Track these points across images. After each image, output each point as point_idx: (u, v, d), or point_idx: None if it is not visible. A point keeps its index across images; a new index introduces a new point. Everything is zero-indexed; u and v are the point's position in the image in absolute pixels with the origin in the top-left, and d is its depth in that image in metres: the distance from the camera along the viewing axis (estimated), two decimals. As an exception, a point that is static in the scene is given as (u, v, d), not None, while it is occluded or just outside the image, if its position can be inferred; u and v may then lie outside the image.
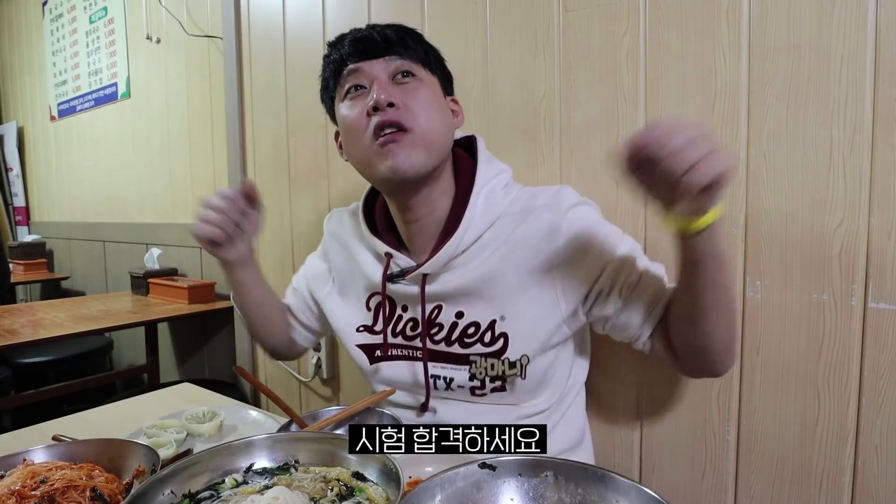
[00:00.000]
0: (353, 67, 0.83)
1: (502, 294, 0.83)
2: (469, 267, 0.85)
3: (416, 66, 0.83)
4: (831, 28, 0.88)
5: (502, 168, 0.91)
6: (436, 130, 0.82)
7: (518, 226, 0.83)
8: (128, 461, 0.66)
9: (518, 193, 0.88)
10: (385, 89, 0.79)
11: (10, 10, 3.65)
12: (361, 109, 0.81)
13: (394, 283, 0.90)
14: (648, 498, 0.50)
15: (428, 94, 0.83)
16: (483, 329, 0.85)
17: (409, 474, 0.63)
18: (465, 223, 0.83)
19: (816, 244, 0.92)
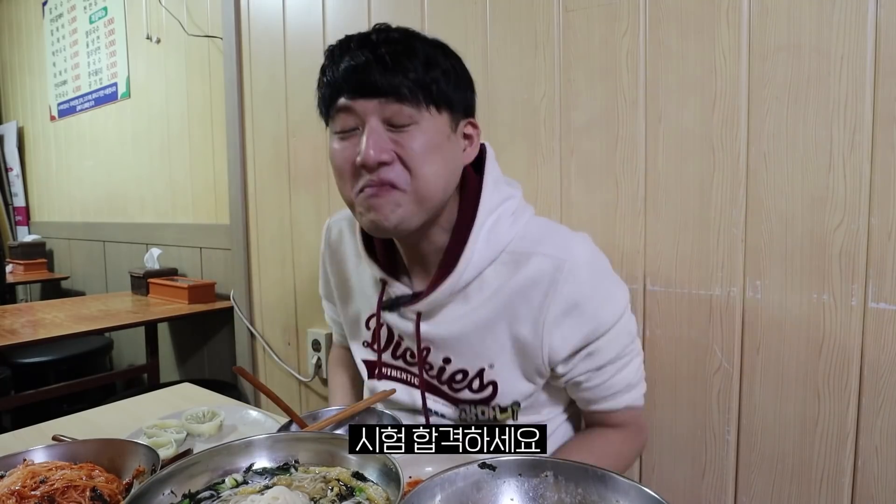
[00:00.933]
0: (345, 105, 0.71)
1: (492, 344, 0.78)
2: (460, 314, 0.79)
3: (418, 107, 0.69)
4: (831, 28, 0.88)
5: (509, 194, 0.81)
6: (432, 185, 0.72)
7: (521, 271, 0.76)
8: (128, 461, 0.66)
9: (525, 227, 0.79)
10: (376, 142, 0.68)
11: (10, 10, 3.65)
12: (350, 154, 0.71)
13: (389, 312, 0.85)
14: (648, 498, 0.50)
15: (428, 141, 0.70)
16: (471, 377, 0.81)
17: (409, 474, 0.63)
18: (463, 261, 0.76)
19: (816, 244, 0.92)
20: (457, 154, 0.76)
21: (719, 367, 1.03)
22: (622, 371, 0.80)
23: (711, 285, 1.02)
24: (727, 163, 0.98)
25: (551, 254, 0.75)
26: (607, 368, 0.79)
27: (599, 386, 0.80)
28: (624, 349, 0.80)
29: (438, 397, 0.85)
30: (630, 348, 0.81)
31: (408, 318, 0.83)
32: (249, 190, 1.94)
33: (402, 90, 0.68)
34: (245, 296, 1.98)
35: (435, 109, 0.71)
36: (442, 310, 0.80)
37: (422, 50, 0.71)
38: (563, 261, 0.74)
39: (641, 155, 1.07)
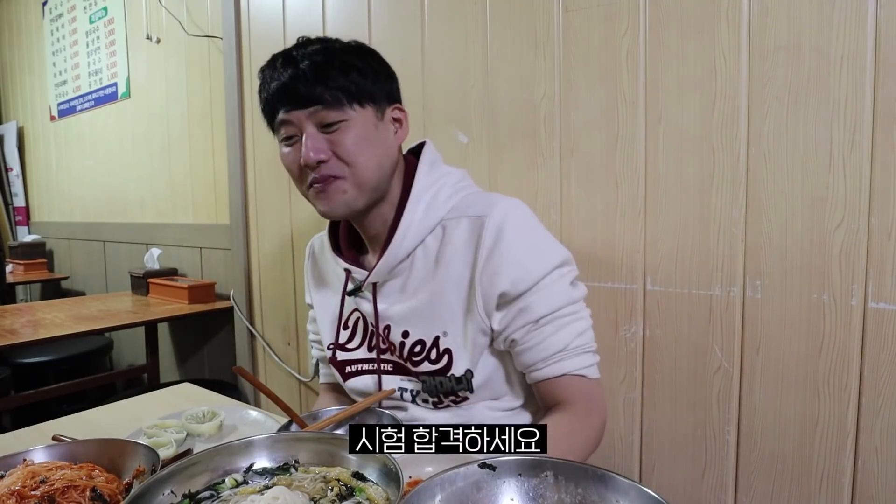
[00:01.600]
0: (284, 119, 0.82)
1: (443, 310, 0.84)
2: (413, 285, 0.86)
3: (342, 109, 0.80)
4: (831, 28, 0.88)
5: (447, 171, 0.90)
6: (367, 170, 0.82)
7: (455, 236, 0.84)
8: (128, 461, 0.66)
9: (462, 199, 0.87)
10: (313, 145, 0.79)
11: (10, 10, 3.65)
12: (296, 157, 0.82)
13: (354, 297, 0.93)
14: (648, 498, 0.50)
15: (358, 134, 0.81)
16: (428, 346, 0.85)
17: (409, 474, 0.63)
18: (401, 229, 0.84)
19: (816, 244, 0.92)
20: (387, 137, 0.86)
21: (719, 367, 1.03)
22: (559, 332, 0.81)
23: (711, 285, 1.02)
24: (727, 163, 0.98)
25: (476, 213, 0.83)
26: (543, 327, 0.81)
27: (536, 346, 0.82)
28: (559, 308, 0.82)
29: (405, 375, 0.89)
30: (567, 310, 0.82)
31: (367, 298, 0.90)
32: (249, 190, 1.94)
33: (324, 97, 0.79)
34: (245, 296, 1.98)
35: (358, 106, 0.81)
36: (392, 283, 0.88)
37: (338, 57, 0.81)
38: (485, 216, 0.82)
39: (641, 155, 1.07)
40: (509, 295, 0.81)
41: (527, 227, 0.84)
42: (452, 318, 0.84)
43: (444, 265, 0.84)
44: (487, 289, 0.81)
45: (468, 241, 0.82)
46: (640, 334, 1.10)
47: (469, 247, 0.82)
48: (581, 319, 0.84)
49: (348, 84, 0.80)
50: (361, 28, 1.51)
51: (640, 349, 1.11)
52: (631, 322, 1.11)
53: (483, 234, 0.81)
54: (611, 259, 1.12)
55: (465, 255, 0.82)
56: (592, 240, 1.14)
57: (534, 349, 0.82)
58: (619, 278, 1.11)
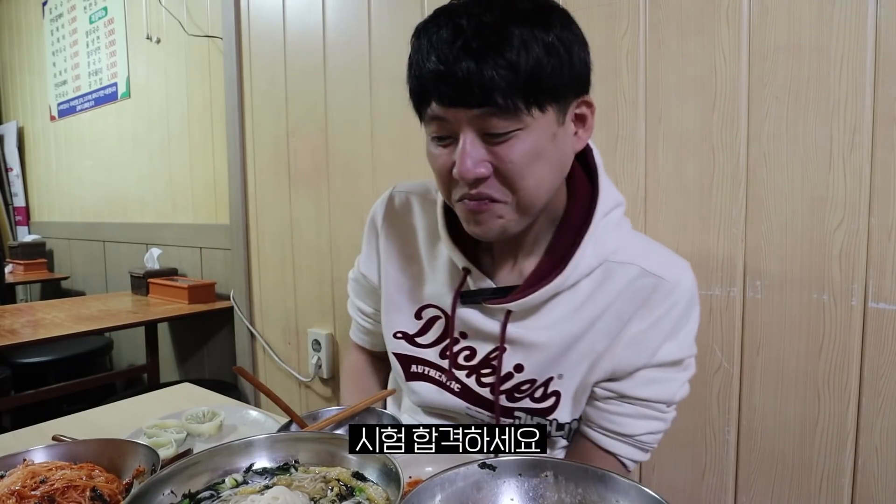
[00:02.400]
0: (437, 114, 0.63)
1: (571, 355, 0.73)
2: (551, 321, 0.73)
3: (518, 116, 0.60)
4: (831, 28, 0.88)
5: (619, 200, 0.75)
6: (535, 195, 0.66)
7: (617, 284, 0.71)
8: (128, 461, 0.66)
9: (627, 238, 0.74)
10: (472, 157, 0.62)
11: (10, 10, 3.65)
12: (446, 162, 0.65)
13: (468, 307, 0.76)
14: (648, 498, 0.50)
15: (531, 148, 0.62)
16: (537, 385, 0.75)
17: (409, 474, 0.63)
18: (573, 264, 0.70)
19: (816, 244, 0.92)
20: (565, 146, 0.67)
21: (719, 367, 1.03)
22: (638, 420, 0.74)
23: (711, 285, 1.02)
24: (727, 163, 0.98)
25: (653, 271, 0.71)
26: (627, 406, 0.73)
27: (607, 413, 0.75)
28: (653, 401, 0.73)
29: (483, 409, 0.77)
30: (658, 407, 0.74)
31: (492, 315, 0.75)
32: (249, 190, 1.94)
33: (496, 100, 0.59)
34: (245, 296, 1.98)
35: (538, 111, 0.61)
36: (531, 313, 0.73)
37: (518, 36, 0.59)
38: (662, 280, 0.70)
39: (641, 155, 1.07)
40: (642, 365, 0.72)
41: (696, 305, 0.73)
42: (576, 365, 0.73)
43: (595, 310, 0.72)
44: (630, 354, 0.71)
45: (633, 295, 0.70)
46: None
47: (631, 302, 0.70)
48: (662, 422, 0.75)
49: (530, 81, 0.59)
50: (361, 28, 1.51)
51: (640, 349, 1.10)
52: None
53: (653, 297, 0.70)
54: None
55: (622, 308, 0.71)
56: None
57: (603, 413, 0.75)
58: (619, 278, 1.11)
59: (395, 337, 0.83)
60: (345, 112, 1.61)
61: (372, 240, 0.88)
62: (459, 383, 0.78)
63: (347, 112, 1.60)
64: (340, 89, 1.61)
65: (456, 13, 0.61)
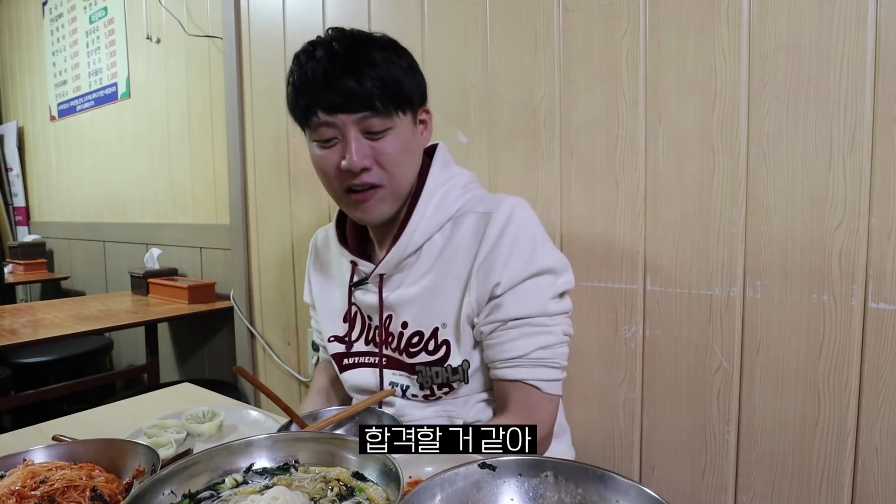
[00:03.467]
0: (326, 121, 0.78)
1: (444, 301, 0.85)
2: (415, 277, 0.86)
3: (390, 116, 0.79)
4: (831, 28, 0.88)
5: (458, 172, 0.91)
6: (406, 179, 0.84)
7: (461, 231, 0.84)
8: (128, 461, 0.66)
9: (473, 197, 0.88)
10: (359, 151, 0.78)
11: (10, 10, 3.65)
12: (334, 160, 0.80)
13: (358, 289, 0.92)
14: (648, 498, 0.50)
15: (401, 143, 0.81)
16: (426, 337, 0.86)
17: (409, 474, 0.63)
18: (412, 224, 0.84)
19: (816, 244, 0.92)
20: (419, 143, 0.86)
21: (719, 367, 1.03)
22: (523, 339, 0.81)
23: (711, 285, 1.02)
24: (727, 163, 0.99)
25: (483, 210, 0.84)
26: (509, 330, 0.81)
27: (499, 346, 0.82)
28: (529, 316, 0.81)
29: (397, 370, 0.89)
30: (538, 320, 0.81)
31: (371, 290, 0.90)
32: (249, 190, 1.94)
33: (375, 104, 0.77)
34: (245, 296, 1.98)
35: (402, 113, 0.80)
36: (399, 275, 0.88)
37: (380, 57, 0.78)
38: (490, 213, 0.83)
39: (641, 155, 1.07)
40: (497, 289, 0.81)
41: (528, 226, 0.83)
42: (451, 310, 0.84)
43: (448, 258, 0.85)
44: (483, 282, 0.82)
45: (474, 235, 0.83)
46: (640, 334, 1.10)
47: (474, 241, 0.83)
48: (549, 334, 0.82)
49: (396, 90, 0.78)
50: (361, 28, 1.51)
51: (640, 349, 1.11)
52: (631, 322, 1.11)
53: (487, 230, 0.82)
54: (611, 259, 1.12)
55: (469, 249, 0.83)
56: (592, 240, 1.14)
57: (496, 347, 0.83)
58: (619, 278, 1.11)
59: (330, 341, 0.98)
60: (345, 112, 1.61)
61: (307, 273, 1.07)
62: (383, 356, 0.91)
63: (347, 112, 1.60)
64: (340, 89, 1.61)
65: (328, 42, 0.79)
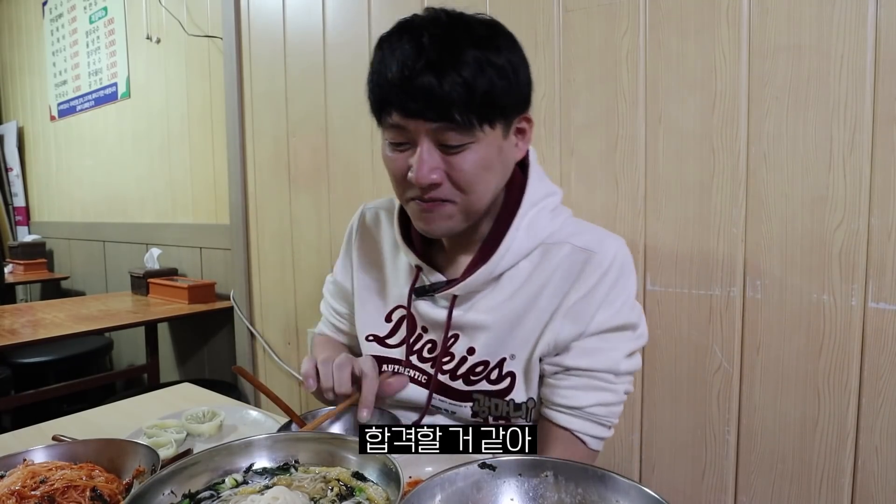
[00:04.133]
0: (397, 123, 0.68)
1: (520, 334, 0.77)
2: (492, 303, 0.78)
3: (471, 131, 0.67)
4: (831, 28, 0.88)
5: (552, 190, 0.81)
6: (484, 198, 0.73)
7: (552, 262, 0.77)
8: (128, 461, 0.66)
9: (564, 222, 0.79)
10: (428, 165, 0.68)
11: (10, 10, 3.65)
12: (402, 166, 0.71)
13: (420, 299, 0.83)
14: (648, 498, 0.50)
15: (480, 160, 0.69)
16: (492, 366, 0.79)
17: (409, 474, 0.63)
18: (503, 247, 0.76)
19: (816, 244, 0.92)
20: (508, 157, 0.75)
21: (719, 367, 1.03)
22: (585, 391, 0.76)
23: (711, 285, 1.02)
24: (727, 163, 0.98)
25: (583, 245, 0.76)
26: (574, 379, 0.76)
27: (558, 388, 0.77)
28: (598, 370, 0.75)
29: (446, 396, 0.82)
30: (605, 377, 0.76)
31: (440, 304, 0.82)
32: (249, 190, 1.94)
33: (454, 115, 0.65)
34: (245, 296, 1.98)
35: (489, 127, 0.68)
36: (475, 296, 0.80)
37: (472, 57, 0.65)
38: (593, 253, 0.75)
39: (641, 155, 1.07)
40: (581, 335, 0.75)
41: (629, 274, 0.77)
42: (526, 345, 0.77)
43: (533, 289, 0.77)
44: (570, 324, 0.75)
45: (567, 271, 0.75)
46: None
47: (567, 277, 0.75)
48: (612, 392, 0.76)
49: (484, 100, 0.66)
50: (361, 28, 1.51)
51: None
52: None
53: (586, 269, 0.74)
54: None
55: (560, 285, 0.75)
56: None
57: (554, 390, 0.77)
58: (619, 278, 1.11)
59: (367, 340, 0.89)
60: (345, 112, 1.61)
61: (347, 251, 0.95)
62: (426, 375, 0.83)
63: (347, 112, 1.60)
64: (340, 89, 1.61)
65: (417, 30, 0.67)
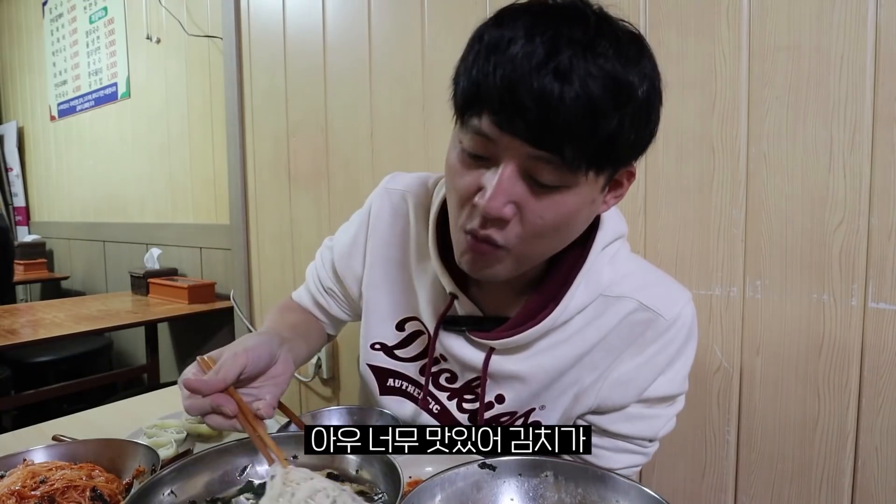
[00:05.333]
0: (484, 132, 0.52)
1: (555, 387, 0.69)
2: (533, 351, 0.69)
3: (573, 173, 0.52)
4: (831, 28, 0.88)
5: (620, 231, 0.69)
6: (545, 254, 0.61)
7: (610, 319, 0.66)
8: (128, 461, 0.66)
9: (625, 268, 0.68)
10: (507, 193, 0.53)
11: (10, 10, 3.65)
12: (470, 184, 0.56)
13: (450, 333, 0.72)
14: (648, 498, 0.50)
15: (566, 214, 0.55)
16: (517, 416, 0.72)
17: (409, 474, 0.63)
18: (563, 303, 0.65)
19: (816, 244, 0.92)
20: (593, 212, 0.60)
21: (719, 367, 1.03)
22: (619, 454, 0.70)
23: (711, 285, 1.02)
24: (727, 163, 0.98)
25: (650, 305, 0.65)
26: (606, 438, 0.70)
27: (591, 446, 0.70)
28: (635, 437, 0.70)
29: None
30: (640, 443, 0.70)
31: (476, 346, 0.71)
32: (249, 190, 1.94)
33: (563, 149, 0.50)
34: (245, 296, 1.98)
35: (593, 174, 0.53)
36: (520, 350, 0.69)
37: (612, 83, 0.49)
38: (661, 317, 0.65)
39: (641, 155, 1.07)
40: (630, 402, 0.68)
41: (693, 341, 0.68)
42: (559, 397, 0.70)
43: (585, 344, 0.67)
44: (618, 392, 0.67)
45: (628, 330, 0.66)
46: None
47: (624, 338, 0.66)
48: (644, 455, 0.71)
49: (607, 145, 0.51)
50: (361, 28, 1.51)
51: (640, 349, 1.10)
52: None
53: (648, 333, 0.65)
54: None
55: (614, 344, 0.66)
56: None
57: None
58: (619, 278, 1.11)
59: (374, 348, 0.78)
60: (345, 112, 1.61)
61: (359, 233, 0.81)
62: (439, 404, 0.75)
63: (347, 112, 1.60)
64: (340, 89, 1.61)
65: (554, 23, 0.49)
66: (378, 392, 0.80)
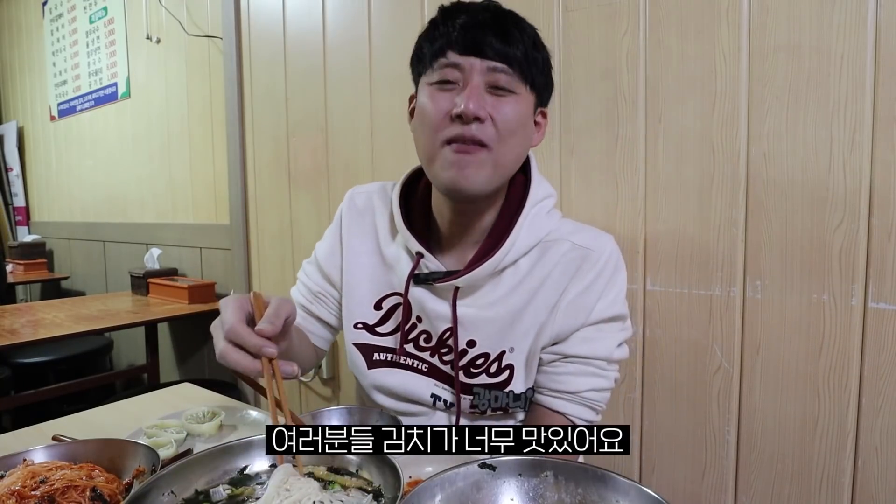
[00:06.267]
0: (453, 62, 0.72)
1: (521, 328, 0.80)
2: (494, 298, 0.80)
3: (519, 82, 0.73)
4: (831, 28, 0.88)
5: (551, 191, 0.85)
6: (513, 154, 0.76)
7: (552, 258, 0.80)
8: (128, 461, 0.66)
9: (559, 223, 0.83)
10: (476, 99, 0.71)
11: (10, 10, 3.65)
12: (444, 106, 0.73)
13: (418, 287, 0.83)
14: (648, 498, 0.50)
15: (519, 114, 0.74)
16: (491, 360, 0.81)
17: (409, 474, 0.63)
18: (509, 242, 0.78)
19: (816, 244, 0.92)
20: (529, 132, 0.79)
21: (719, 367, 1.03)
22: (581, 377, 0.79)
23: (711, 285, 1.02)
24: (727, 163, 0.98)
25: (581, 243, 0.80)
26: (570, 365, 0.79)
27: (553, 375, 0.80)
28: (594, 358, 0.79)
29: (447, 385, 0.83)
30: (600, 364, 0.79)
31: (442, 296, 0.82)
32: (249, 190, 1.94)
33: (512, 59, 0.72)
34: (245, 296, 1.98)
35: (530, 88, 0.75)
36: (477, 291, 0.81)
37: (529, 31, 0.75)
38: (590, 250, 0.79)
39: (641, 155, 1.07)
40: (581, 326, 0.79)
41: (621, 270, 0.81)
42: (527, 338, 0.80)
43: (533, 285, 0.80)
44: (570, 318, 0.78)
45: (566, 266, 0.79)
46: (640, 334, 1.10)
47: (565, 273, 0.79)
48: (604, 378, 0.80)
49: (533, 61, 0.74)
50: (361, 28, 1.51)
51: (640, 349, 1.11)
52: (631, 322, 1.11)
53: (583, 265, 0.78)
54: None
55: (558, 280, 0.79)
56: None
57: (550, 376, 0.81)
58: (619, 278, 1.11)
59: (356, 328, 0.88)
60: (345, 112, 1.61)
61: (335, 237, 0.93)
62: (426, 363, 0.84)
63: (347, 112, 1.60)
64: (340, 89, 1.61)
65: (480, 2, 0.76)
66: (366, 367, 0.87)
